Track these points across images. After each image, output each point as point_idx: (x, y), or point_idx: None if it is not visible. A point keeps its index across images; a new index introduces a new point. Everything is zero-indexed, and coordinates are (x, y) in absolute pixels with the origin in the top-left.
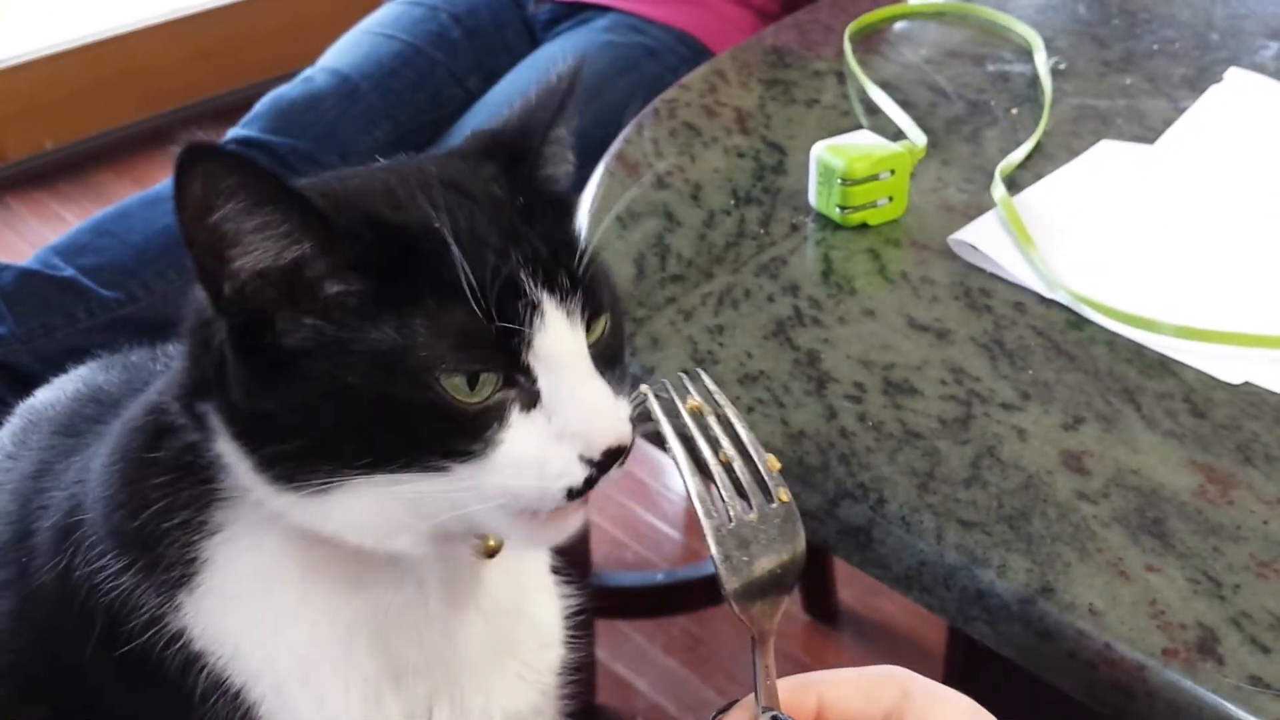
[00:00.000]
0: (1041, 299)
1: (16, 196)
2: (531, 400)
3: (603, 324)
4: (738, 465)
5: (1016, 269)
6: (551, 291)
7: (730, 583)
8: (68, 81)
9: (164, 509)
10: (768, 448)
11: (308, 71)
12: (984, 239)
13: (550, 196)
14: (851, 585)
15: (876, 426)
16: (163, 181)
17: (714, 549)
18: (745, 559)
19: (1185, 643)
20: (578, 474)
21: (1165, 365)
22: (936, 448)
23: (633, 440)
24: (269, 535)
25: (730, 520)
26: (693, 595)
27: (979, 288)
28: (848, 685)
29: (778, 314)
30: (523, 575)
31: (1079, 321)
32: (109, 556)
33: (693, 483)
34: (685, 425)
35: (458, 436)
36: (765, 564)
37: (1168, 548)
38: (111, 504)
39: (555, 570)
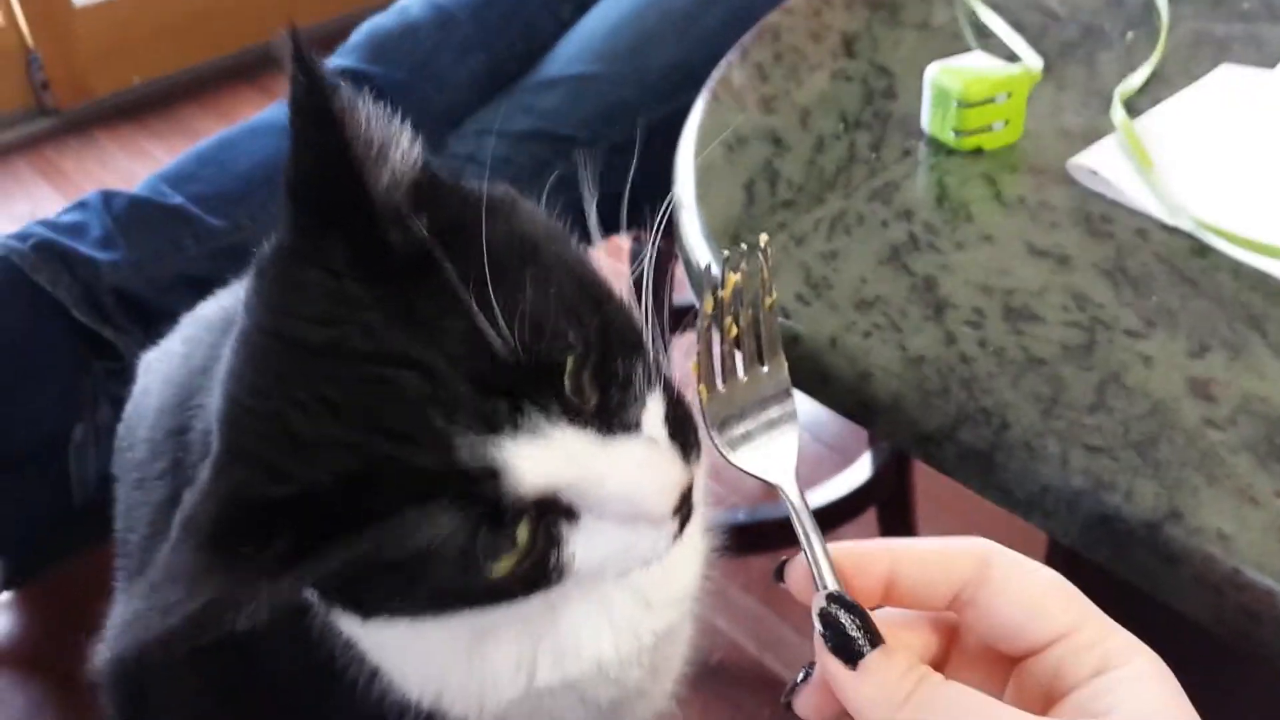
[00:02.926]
0: (1163, 226)
1: (104, 131)
2: (570, 511)
3: (571, 362)
4: (746, 338)
5: (1137, 195)
6: (509, 419)
7: (716, 435)
8: (154, 17)
9: None
10: (885, 370)
11: (403, 1)
12: (1104, 164)
13: (414, 261)
14: None
15: (997, 352)
16: (268, 108)
17: (704, 406)
18: (734, 413)
19: None
20: (665, 535)
21: None
22: (1060, 374)
23: (691, 474)
24: None
25: (723, 382)
26: (772, 534)
27: (1099, 214)
28: (925, 554)
29: (892, 239)
30: None
31: (1202, 249)
32: None
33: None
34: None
35: (526, 585)
36: (751, 418)
37: None
38: None
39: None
